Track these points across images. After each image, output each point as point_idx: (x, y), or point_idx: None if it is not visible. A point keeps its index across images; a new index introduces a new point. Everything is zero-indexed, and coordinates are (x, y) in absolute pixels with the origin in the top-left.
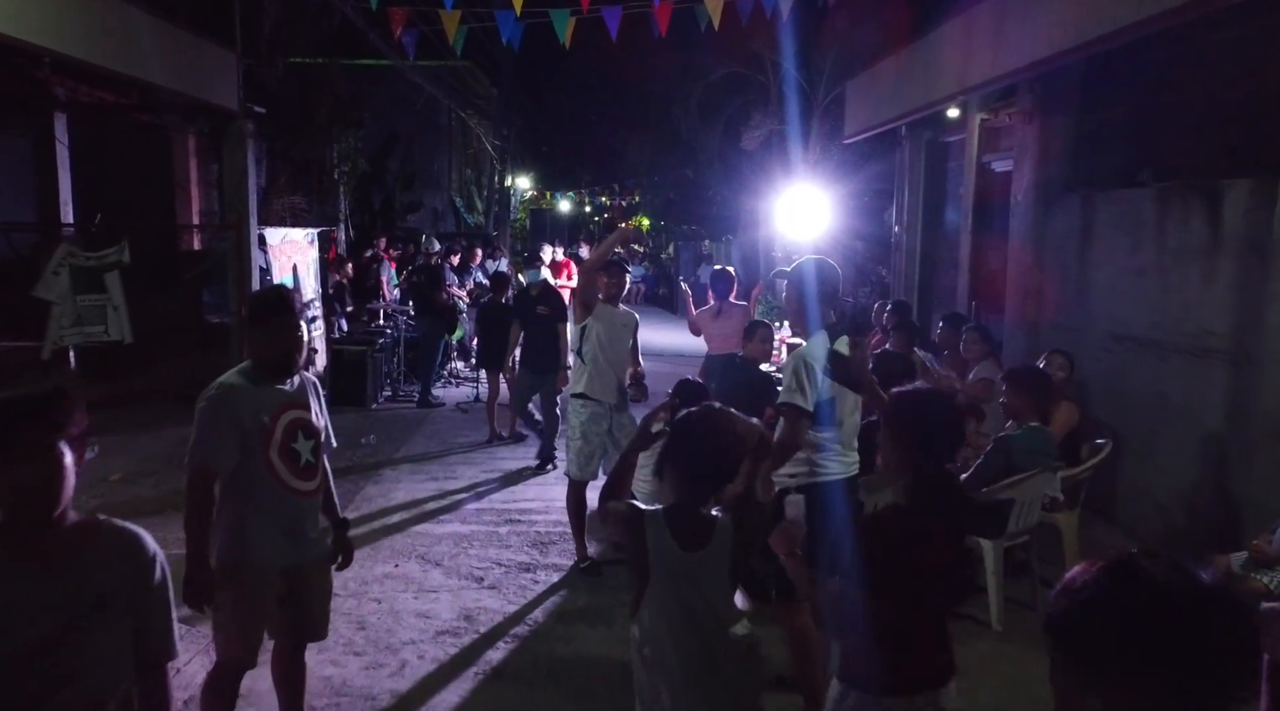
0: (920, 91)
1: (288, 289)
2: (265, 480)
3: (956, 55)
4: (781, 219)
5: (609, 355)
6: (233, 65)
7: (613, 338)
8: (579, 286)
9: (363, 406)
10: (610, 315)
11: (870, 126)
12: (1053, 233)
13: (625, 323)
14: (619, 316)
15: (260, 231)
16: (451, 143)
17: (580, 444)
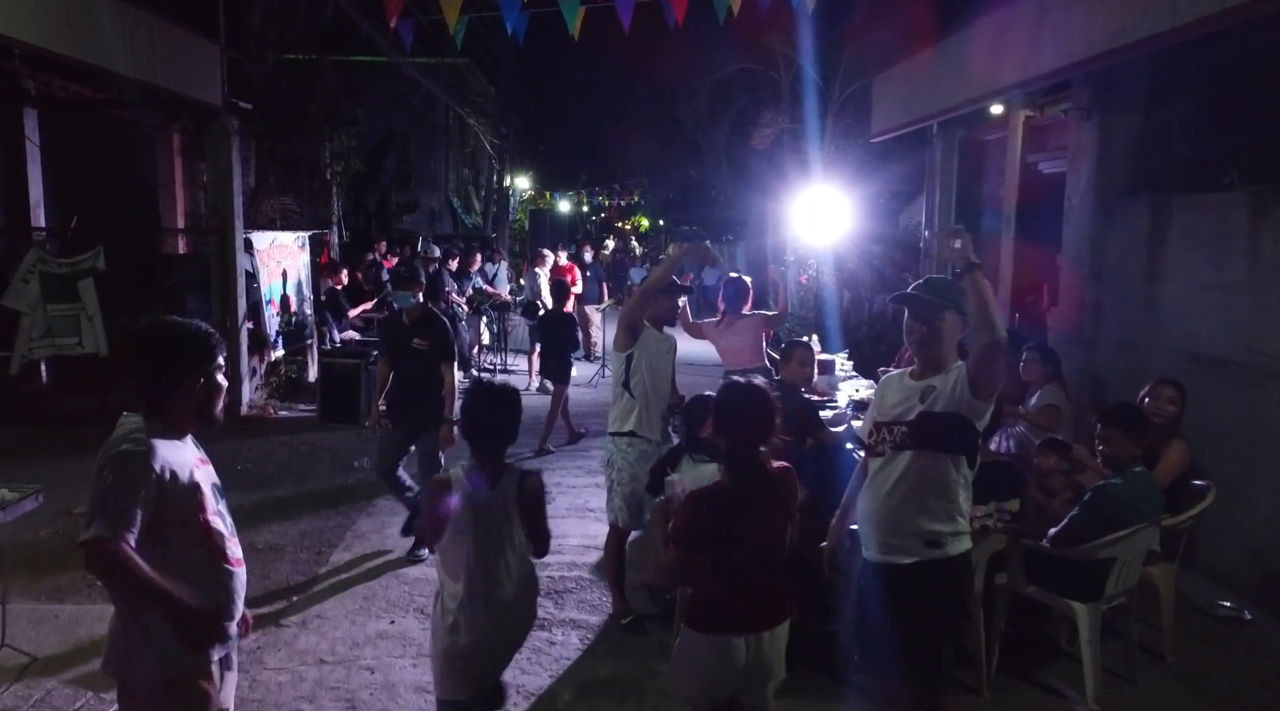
0: (959, 86)
1: (207, 329)
2: (200, 551)
3: (1003, 47)
4: (796, 221)
5: (658, 386)
6: (216, 58)
7: (660, 366)
8: (627, 311)
9: (355, 423)
10: (655, 341)
11: (901, 124)
12: (1115, 240)
13: (668, 348)
14: (662, 342)
15: (247, 235)
16: (449, 142)
17: (631, 487)
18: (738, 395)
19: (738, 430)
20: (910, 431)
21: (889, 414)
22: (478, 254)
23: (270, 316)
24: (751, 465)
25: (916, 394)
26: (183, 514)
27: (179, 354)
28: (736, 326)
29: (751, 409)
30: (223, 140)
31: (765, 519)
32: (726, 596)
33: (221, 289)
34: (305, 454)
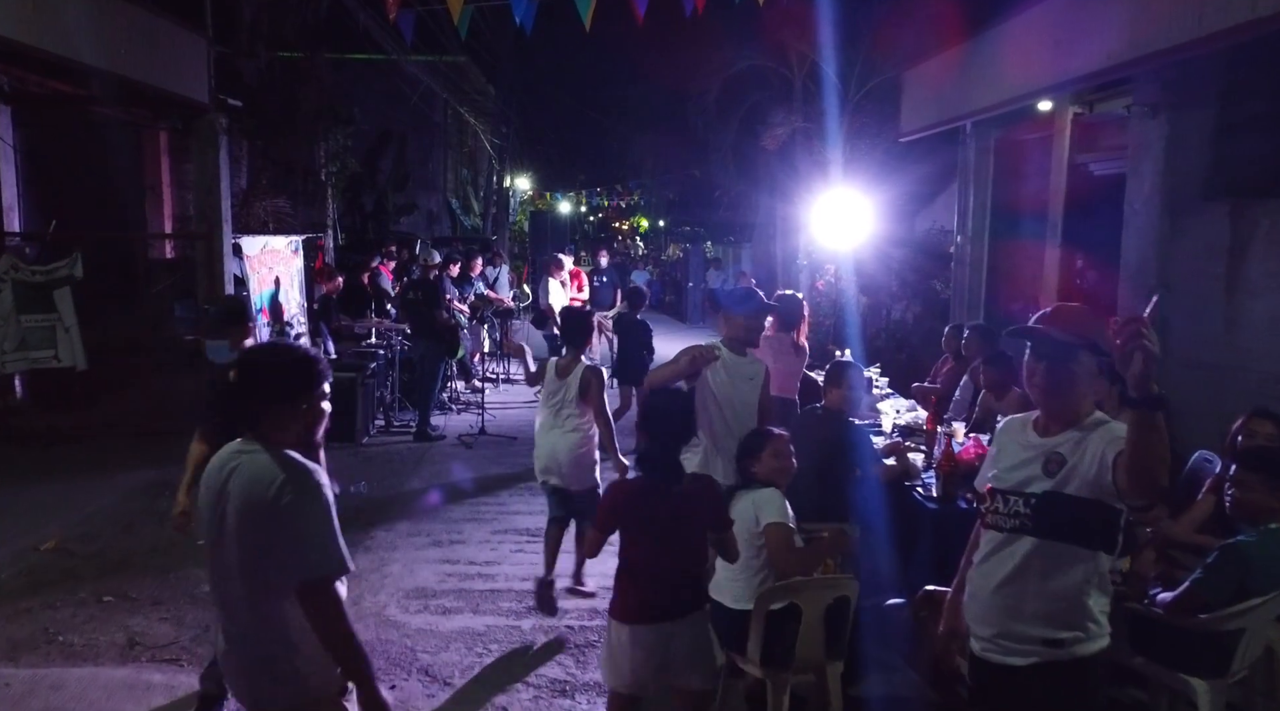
0: (1001, 82)
1: (315, 354)
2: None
3: (1054, 39)
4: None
5: (733, 422)
6: (202, 52)
7: (736, 398)
8: (678, 371)
9: (352, 441)
10: (729, 369)
11: (934, 123)
12: (1185, 249)
13: (750, 374)
14: (741, 368)
15: (236, 240)
16: (448, 141)
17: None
18: (664, 401)
19: (660, 431)
20: (1033, 514)
21: (1007, 479)
22: (479, 258)
23: (261, 326)
24: (668, 465)
25: (1040, 459)
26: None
27: (294, 378)
28: (791, 350)
29: (673, 413)
30: (210, 140)
31: (678, 518)
32: (633, 587)
33: (209, 297)
34: None
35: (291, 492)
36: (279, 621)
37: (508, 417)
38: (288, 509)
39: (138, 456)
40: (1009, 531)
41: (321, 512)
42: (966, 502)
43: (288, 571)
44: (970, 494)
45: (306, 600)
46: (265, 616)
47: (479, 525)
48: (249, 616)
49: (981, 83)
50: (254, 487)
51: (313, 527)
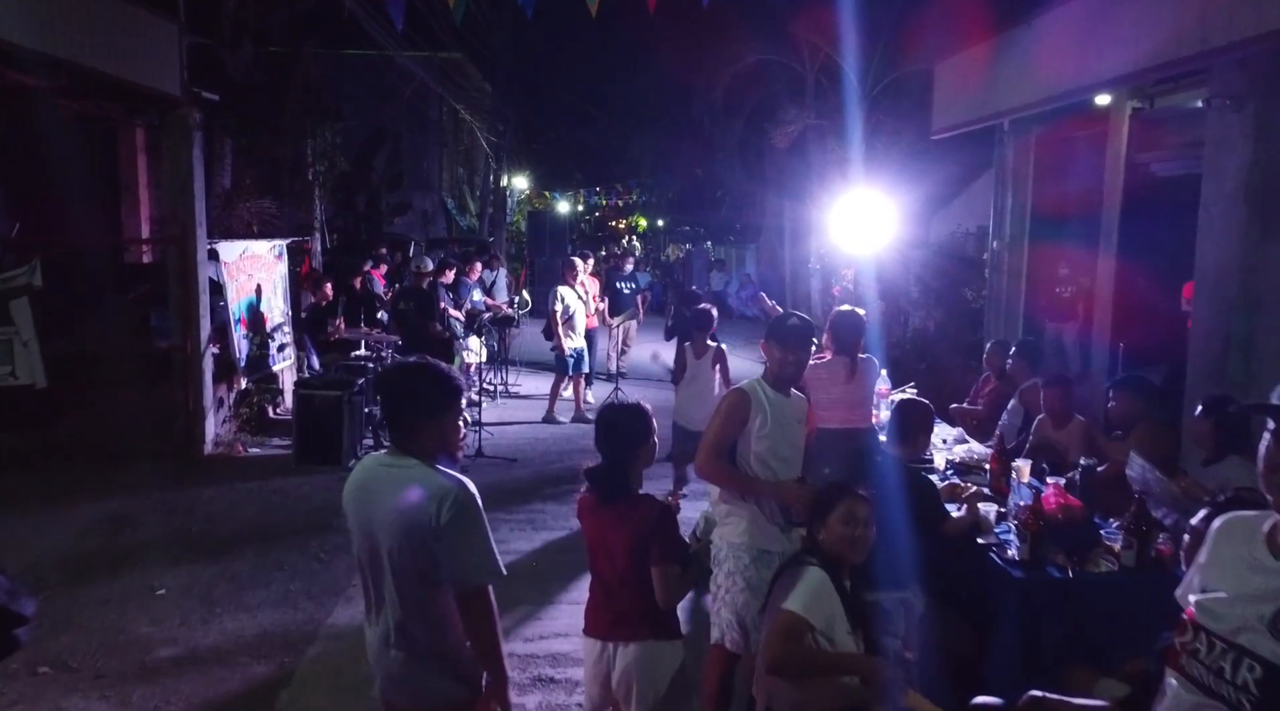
0: (1054, 74)
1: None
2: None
3: (1116, 27)
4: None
5: (785, 475)
6: (173, 40)
7: (782, 442)
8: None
9: (337, 465)
10: (781, 410)
11: (972, 119)
12: (1277, 257)
13: (798, 416)
14: (786, 409)
15: (213, 245)
16: (443, 139)
17: (745, 598)
18: (611, 414)
19: (603, 443)
20: (1260, 699)
21: (1220, 615)
22: (477, 262)
23: (240, 337)
24: (607, 480)
25: (1274, 599)
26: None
27: (445, 393)
28: (860, 371)
29: (617, 425)
30: (182, 136)
31: (606, 538)
32: (590, 600)
33: (181, 307)
34: (275, 507)
35: (454, 507)
36: (449, 624)
37: (507, 436)
38: (452, 522)
39: (100, 483)
40: (1214, 698)
41: (481, 523)
42: (1060, 570)
43: (453, 579)
44: (1066, 560)
45: (467, 604)
46: (435, 620)
47: None
48: (418, 620)
49: (1028, 75)
50: (416, 502)
51: (474, 538)
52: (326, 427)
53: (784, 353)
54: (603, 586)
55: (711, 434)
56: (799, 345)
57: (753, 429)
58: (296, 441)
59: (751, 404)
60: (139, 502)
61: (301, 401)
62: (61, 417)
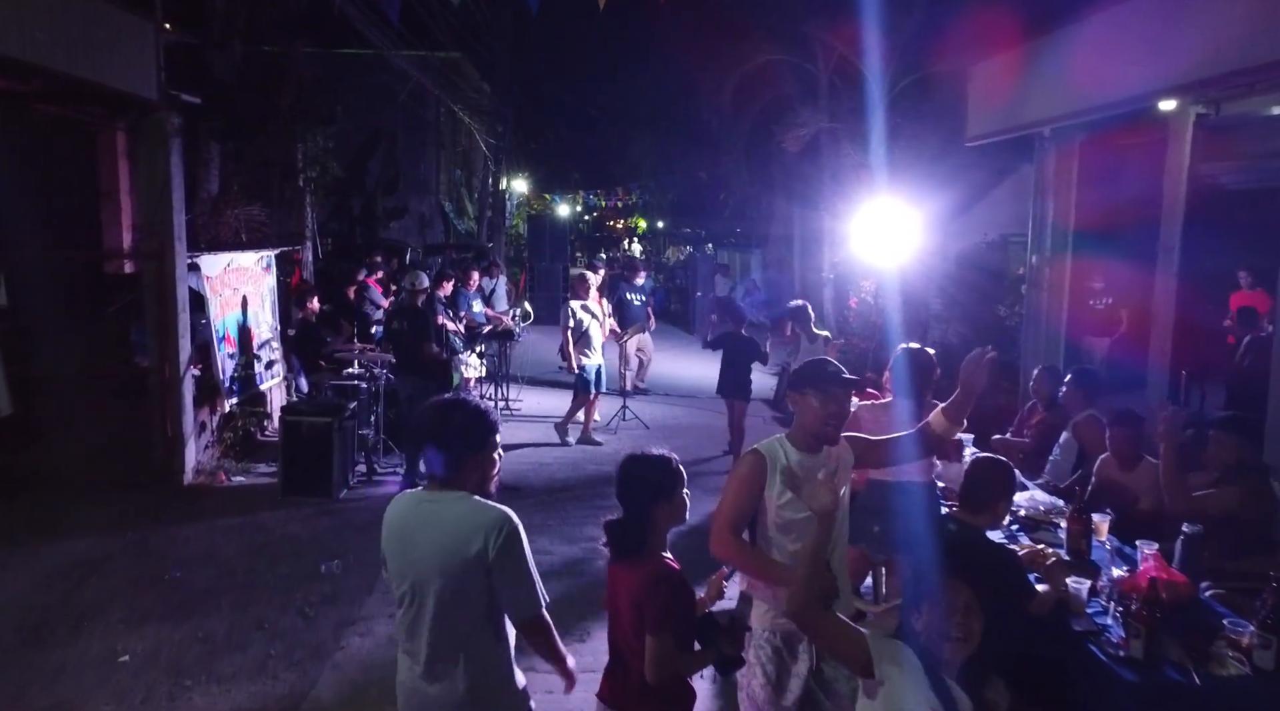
0: (1112, 79)
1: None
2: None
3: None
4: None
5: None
6: (149, 38)
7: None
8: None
9: (327, 497)
10: (810, 472)
11: (1013, 125)
12: None
13: (845, 463)
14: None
15: (193, 258)
16: (440, 141)
17: (765, 693)
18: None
19: (630, 499)
20: None
21: None
22: (474, 271)
23: (224, 357)
24: (627, 537)
25: None
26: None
27: (481, 429)
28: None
29: (633, 480)
30: (159, 142)
31: (624, 596)
32: (608, 662)
33: (159, 327)
34: (258, 548)
35: (504, 538)
36: (494, 661)
37: (508, 460)
38: (502, 553)
39: (68, 520)
40: None
41: (526, 554)
42: (1178, 670)
43: (511, 610)
44: (1184, 657)
45: (528, 632)
46: (480, 656)
47: None
48: (462, 657)
49: (1078, 79)
50: (466, 536)
51: (524, 569)
52: (315, 456)
53: (825, 403)
54: (613, 650)
55: (725, 506)
56: (843, 395)
57: (771, 496)
58: (283, 471)
59: (768, 468)
60: (109, 543)
61: (288, 429)
62: (29, 446)
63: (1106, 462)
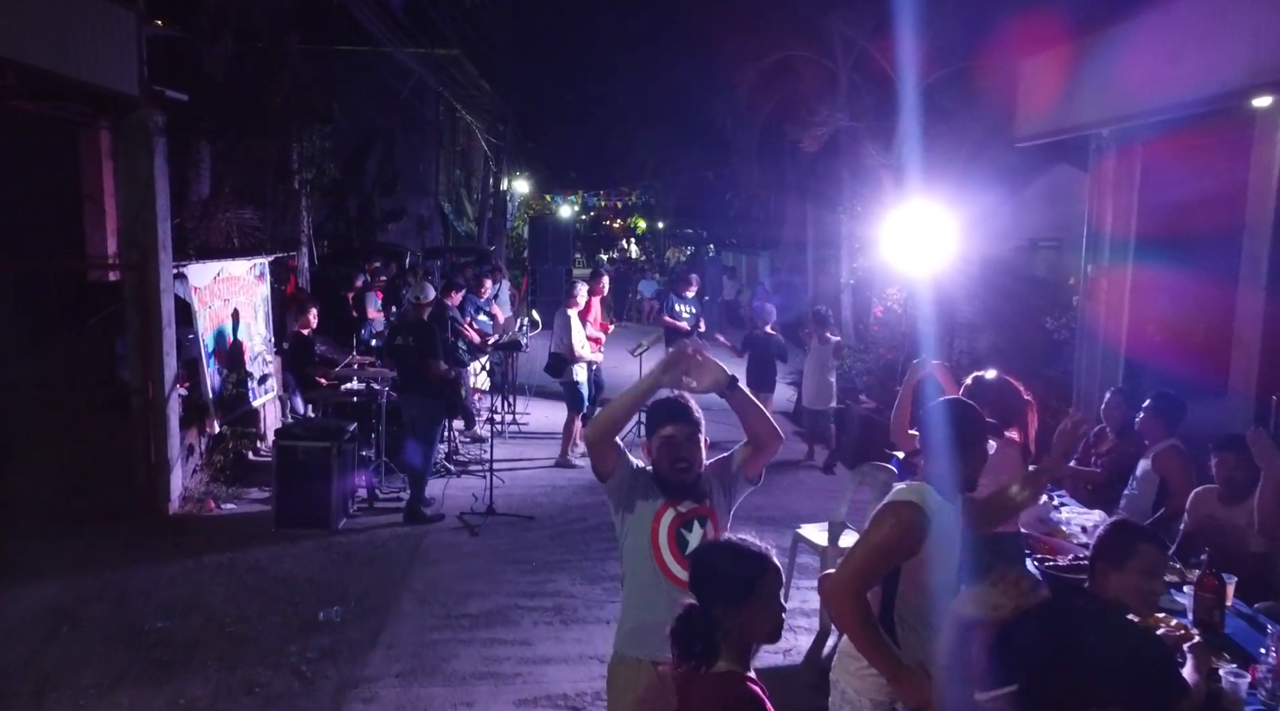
0: (1200, 70)
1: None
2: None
3: None
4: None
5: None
6: (130, 30)
7: (948, 569)
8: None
9: (326, 528)
10: (948, 525)
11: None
12: None
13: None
14: (957, 520)
15: (179, 268)
16: (440, 140)
17: None
18: (713, 555)
19: (702, 595)
20: None
21: None
22: (487, 280)
23: (213, 373)
24: (695, 640)
25: None
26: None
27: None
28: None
29: (722, 574)
30: (141, 143)
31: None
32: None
33: (141, 344)
34: (249, 592)
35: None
36: None
37: (519, 483)
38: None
39: (41, 558)
40: None
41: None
42: None
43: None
44: None
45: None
46: None
47: (496, 686)
48: None
49: (1152, 74)
50: None
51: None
52: (312, 484)
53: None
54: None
55: (861, 557)
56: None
57: (924, 561)
58: (277, 501)
59: (930, 528)
60: (84, 586)
61: (283, 454)
62: (9, 463)
63: (1204, 498)
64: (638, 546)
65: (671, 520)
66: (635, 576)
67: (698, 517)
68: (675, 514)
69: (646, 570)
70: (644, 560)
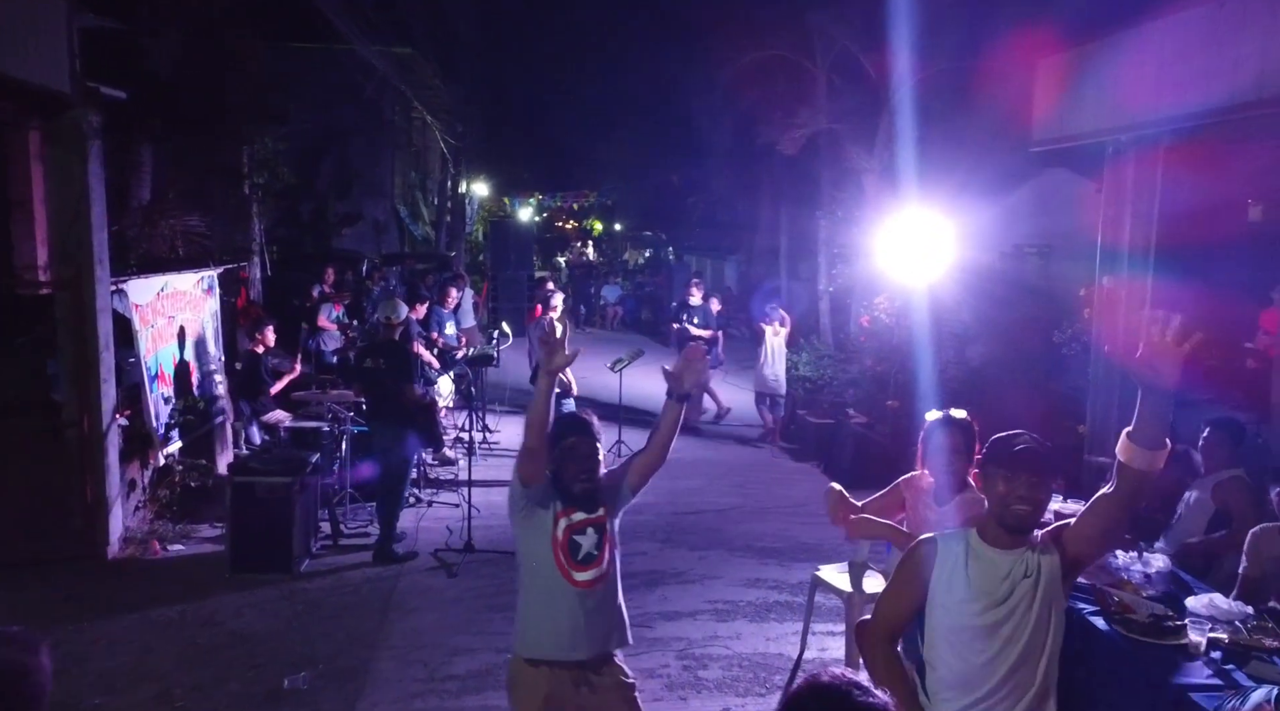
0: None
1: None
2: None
3: None
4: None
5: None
6: (60, 20)
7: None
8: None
9: (286, 572)
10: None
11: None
12: None
13: (1028, 572)
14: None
15: (120, 283)
16: (396, 141)
17: None
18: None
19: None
20: None
21: None
22: (452, 289)
23: (157, 399)
24: None
25: None
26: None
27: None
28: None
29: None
30: (73, 146)
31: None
32: None
33: (76, 369)
34: (203, 653)
35: None
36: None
37: (496, 511)
38: None
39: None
40: None
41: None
42: None
43: None
44: None
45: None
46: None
47: None
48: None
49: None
50: None
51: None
52: (272, 524)
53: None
54: None
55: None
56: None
57: (935, 595)
58: (233, 543)
59: (937, 557)
60: None
61: (239, 492)
62: None
63: (1270, 536)
64: (539, 553)
65: (566, 528)
66: (536, 582)
67: (591, 525)
68: (569, 523)
69: (548, 576)
70: (545, 566)
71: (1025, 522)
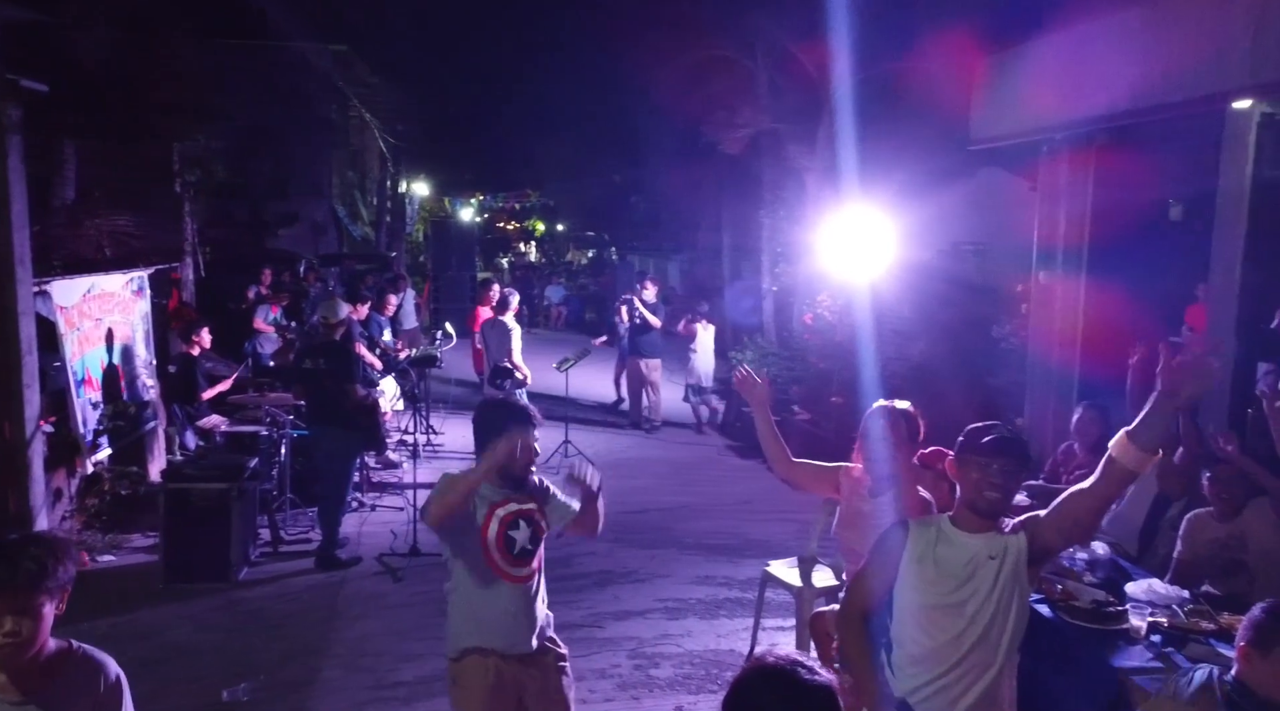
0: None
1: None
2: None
3: None
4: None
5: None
6: None
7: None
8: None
9: (223, 581)
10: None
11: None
12: None
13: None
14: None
15: (43, 285)
16: (334, 140)
17: None
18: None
19: None
20: None
21: None
22: (391, 295)
23: (84, 405)
24: None
25: None
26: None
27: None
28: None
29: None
30: None
31: None
32: None
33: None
34: (138, 667)
35: None
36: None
37: None
38: None
39: None
40: None
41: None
42: None
43: None
44: None
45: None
46: None
47: None
48: None
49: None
50: None
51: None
52: (208, 531)
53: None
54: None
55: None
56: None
57: (906, 576)
58: (166, 552)
59: (908, 541)
60: None
61: (173, 498)
62: None
63: (1202, 519)
64: (470, 549)
65: (500, 522)
66: (470, 579)
67: (523, 518)
68: (502, 515)
69: (480, 571)
70: (476, 561)
71: (996, 508)
